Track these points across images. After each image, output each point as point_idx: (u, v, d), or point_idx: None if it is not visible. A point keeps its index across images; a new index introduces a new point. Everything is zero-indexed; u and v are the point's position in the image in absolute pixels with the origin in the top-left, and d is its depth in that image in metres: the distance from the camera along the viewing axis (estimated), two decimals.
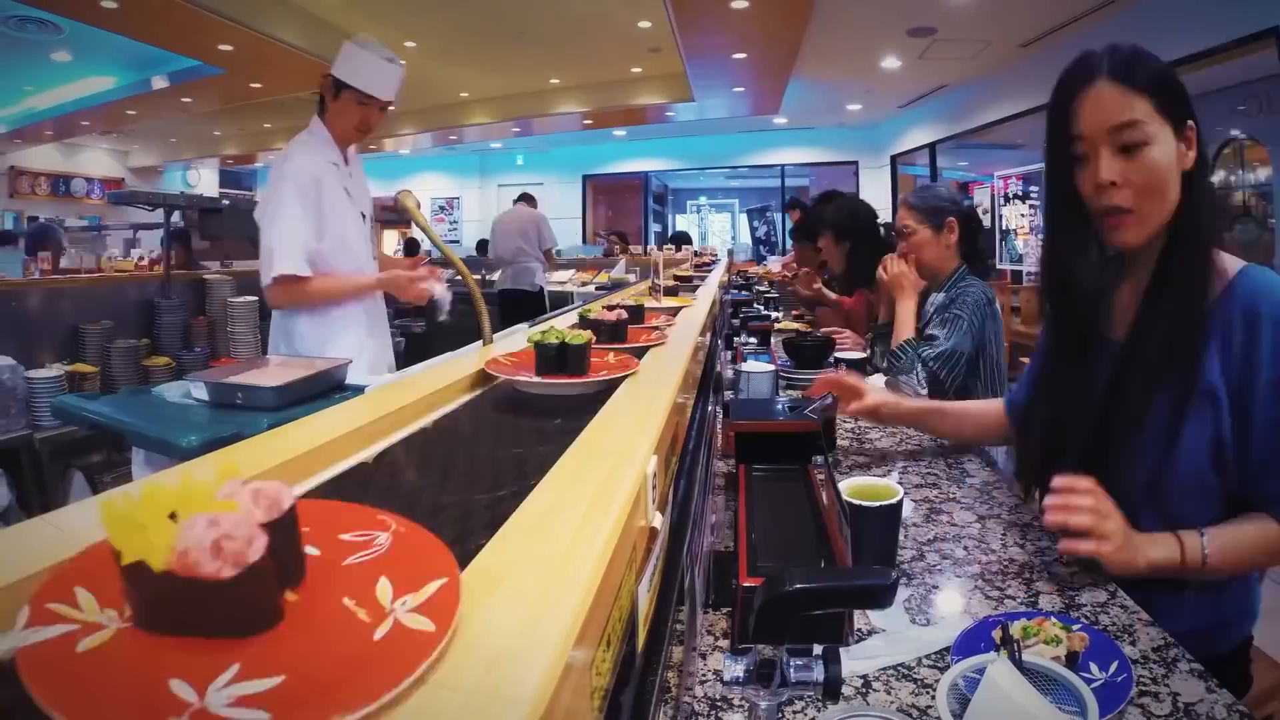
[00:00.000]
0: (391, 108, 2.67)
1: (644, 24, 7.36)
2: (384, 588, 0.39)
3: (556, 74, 9.68)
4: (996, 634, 0.97)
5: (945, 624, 1.11)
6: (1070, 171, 1.28)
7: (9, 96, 10.41)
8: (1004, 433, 1.74)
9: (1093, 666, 0.98)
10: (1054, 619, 1.06)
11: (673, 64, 8.21)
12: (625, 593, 0.49)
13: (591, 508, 0.51)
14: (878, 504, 1.23)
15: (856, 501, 1.23)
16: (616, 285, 6.73)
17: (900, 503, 1.26)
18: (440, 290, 2.53)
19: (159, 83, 9.02)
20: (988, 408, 1.81)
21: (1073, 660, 0.98)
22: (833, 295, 3.93)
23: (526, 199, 7.88)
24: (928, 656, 1.03)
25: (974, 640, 1.03)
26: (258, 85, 8.89)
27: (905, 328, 2.48)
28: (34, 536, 0.47)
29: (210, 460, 0.64)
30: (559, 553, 0.45)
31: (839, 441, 2.02)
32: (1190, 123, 1.22)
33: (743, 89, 9.40)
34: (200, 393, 1.77)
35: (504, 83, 9.92)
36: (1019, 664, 0.87)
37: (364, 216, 2.67)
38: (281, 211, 2.42)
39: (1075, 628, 1.06)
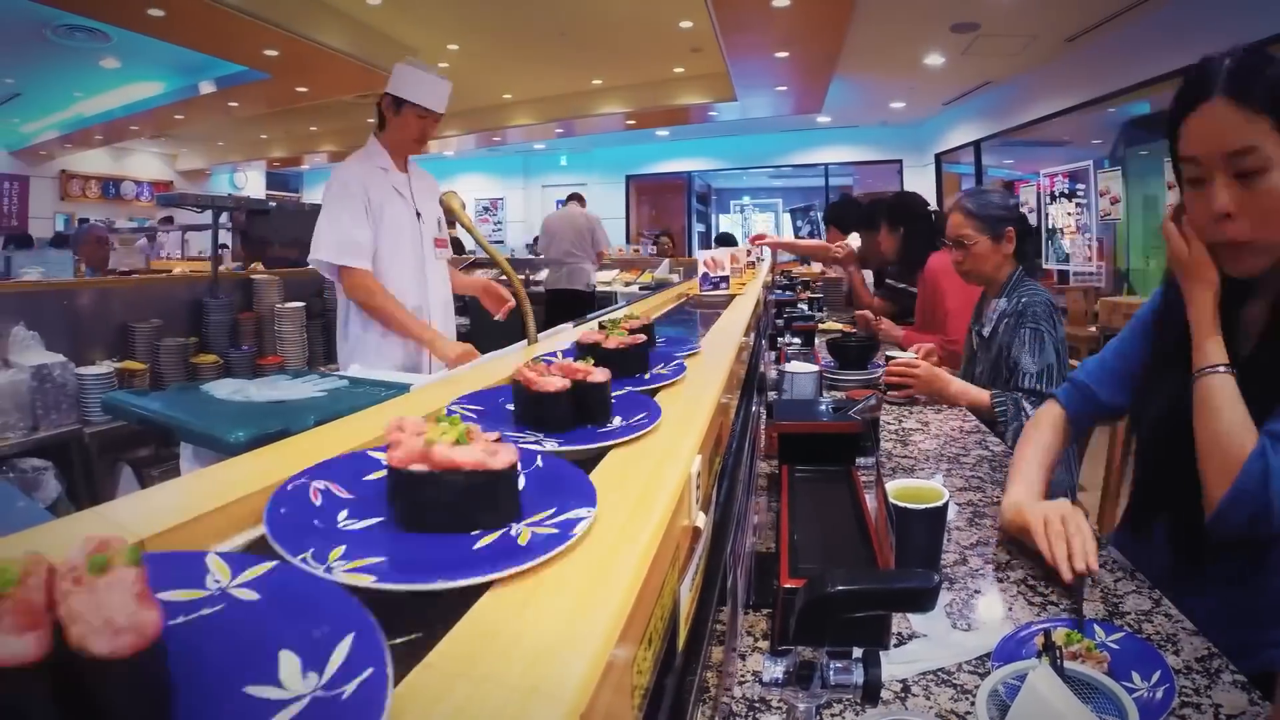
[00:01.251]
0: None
1: (685, 24, 7.36)
2: None
3: (599, 75, 9.72)
4: (1039, 640, 0.96)
5: (987, 629, 1.10)
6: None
7: (59, 102, 10.69)
8: (1064, 439, 1.63)
9: (1134, 676, 0.96)
10: (1098, 627, 1.05)
11: (715, 63, 8.20)
12: (668, 592, 0.49)
13: (636, 506, 0.51)
14: (923, 506, 1.21)
15: (901, 504, 1.21)
16: (660, 285, 6.73)
17: (945, 506, 1.24)
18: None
19: (206, 88, 9.22)
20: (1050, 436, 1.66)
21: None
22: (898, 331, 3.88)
23: (576, 199, 7.91)
24: (968, 662, 1.01)
25: (1015, 646, 1.02)
26: (303, 89, 9.04)
27: (981, 395, 2.37)
28: (86, 528, 0.48)
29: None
30: (603, 550, 0.45)
31: (883, 443, 2.00)
32: None
33: (785, 88, 9.35)
34: None
35: (547, 84, 9.99)
36: (1060, 671, 0.86)
37: (419, 215, 2.86)
38: (328, 203, 2.69)
39: (1117, 635, 1.04)
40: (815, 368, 2.09)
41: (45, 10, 6.72)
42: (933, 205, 4.09)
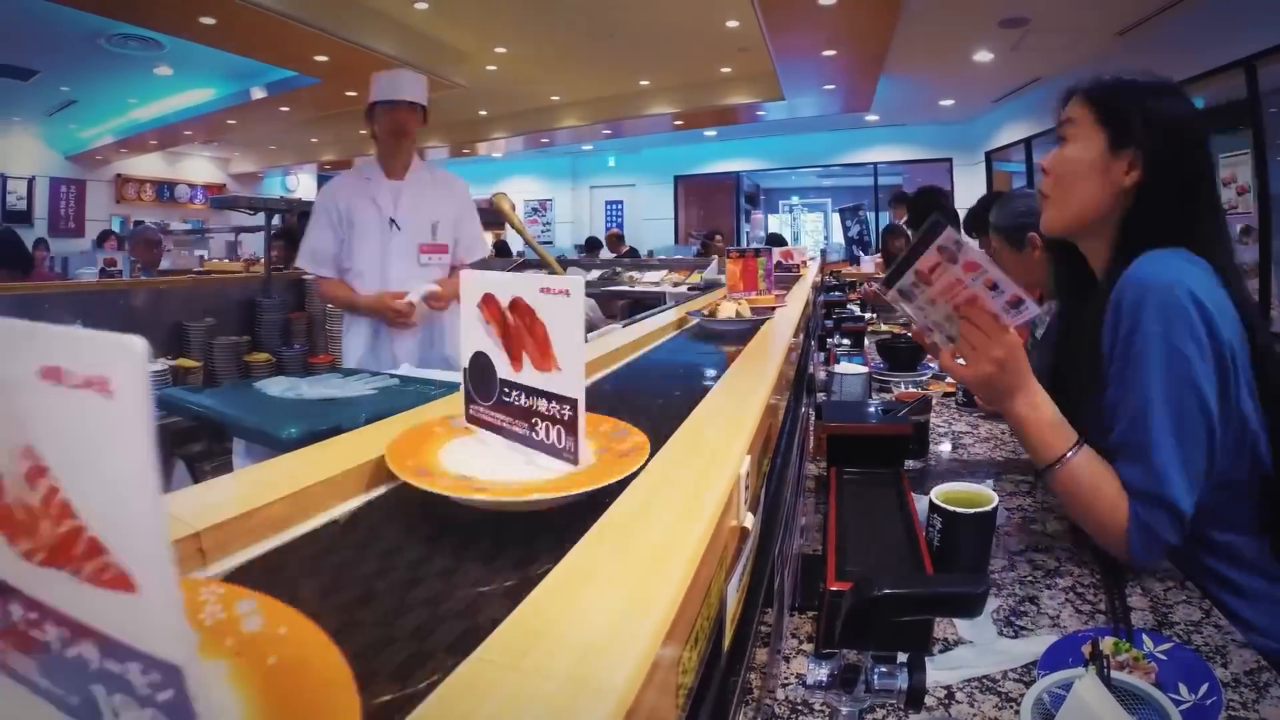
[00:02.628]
0: (417, 111, 3.06)
1: (732, 23, 7.35)
2: None
3: (646, 75, 9.73)
4: (1086, 649, 0.94)
5: (1033, 637, 1.08)
6: None
7: (115, 109, 10.99)
8: None
9: (1181, 688, 0.94)
10: (1146, 637, 1.03)
11: (762, 63, 8.16)
12: (715, 592, 0.49)
13: (685, 506, 0.51)
14: (972, 511, 1.19)
15: (950, 507, 1.20)
16: (710, 286, 6.71)
17: (995, 510, 1.22)
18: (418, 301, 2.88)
19: (257, 93, 9.41)
20: None
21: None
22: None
23: None
24: (1013, 670, 0.99)
25: (1062, 654, 1.00)
26: (353, 93, 9.16)
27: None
28: None
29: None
30: (652, 549, 0.45)
31: (933, 446, 1.97)
32: (1133, 149, 1.29)
33: (833, 86, 9.28)
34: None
35: (594, 85, 10.03)
36: (1107, 681, 0.84)
37: (393, 223, 2.95)
38: (311, 215, 3.00)
39: (1165, 646, 1.02)
40: (864, 369, 2.08)
41: (99, 20, 6.92)
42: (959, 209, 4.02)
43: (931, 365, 2.97)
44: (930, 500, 1.22)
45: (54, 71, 9.04)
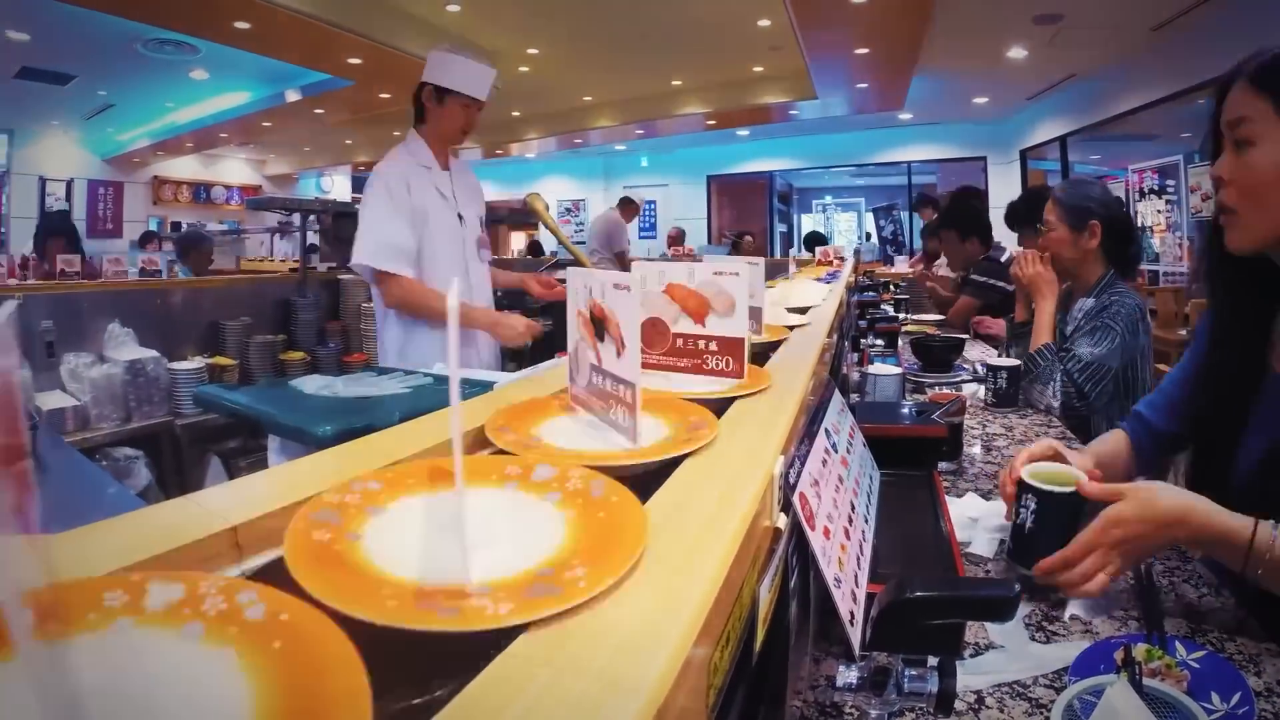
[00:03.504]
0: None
1: (764, 22, 7.33)
2: None
3: (678, 75, 9.73)
4: (1118, 655, 0.93)
5: (1065, 642, 1.06)
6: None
7: (152, 112, 11.20)
8: (1127, 465, 1.55)
9: (1214, 696, 0.92)
10: (1180, 644, 1.01)
11: (794, 62, 8.14)
12: (747, 592, 0.49)
13: (718, 506, 0.51)
14: (1068, 490, 1.14)
15: (1044, 486, 1.15)
16: None
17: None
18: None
19: (292, 96, 9.53)
20: (1107, 443, 1.61)
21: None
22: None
23: (623, 204, 8.21)
24: (1044, 675, 0.98)
25: (1094, 661, 0.99)
26: (386, 95, 9.25)
27: (1043, 332, 2.35)
28: (180, 514, 0.51)
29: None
30: (685, 549, 0.45)
31: (966, 448, 1.95)
32: None
33: (866, 85, 9.22)
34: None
35: (626, 85, 10.05)
36: (1139, 688, 0.83)
37: (461, 218, 2.78)
38: (368, 203, 2.62)
39: (1198, 654, 1.00)
40: (898, 369, 2.06)
41: (136, 26, 7.04)
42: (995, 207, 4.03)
43: (966, 366, 2.94)
44: (1021, 480, 1.18)
45: (91, 76, 9.23)
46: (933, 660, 0.79)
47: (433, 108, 2.72)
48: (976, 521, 1.41)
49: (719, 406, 0.82)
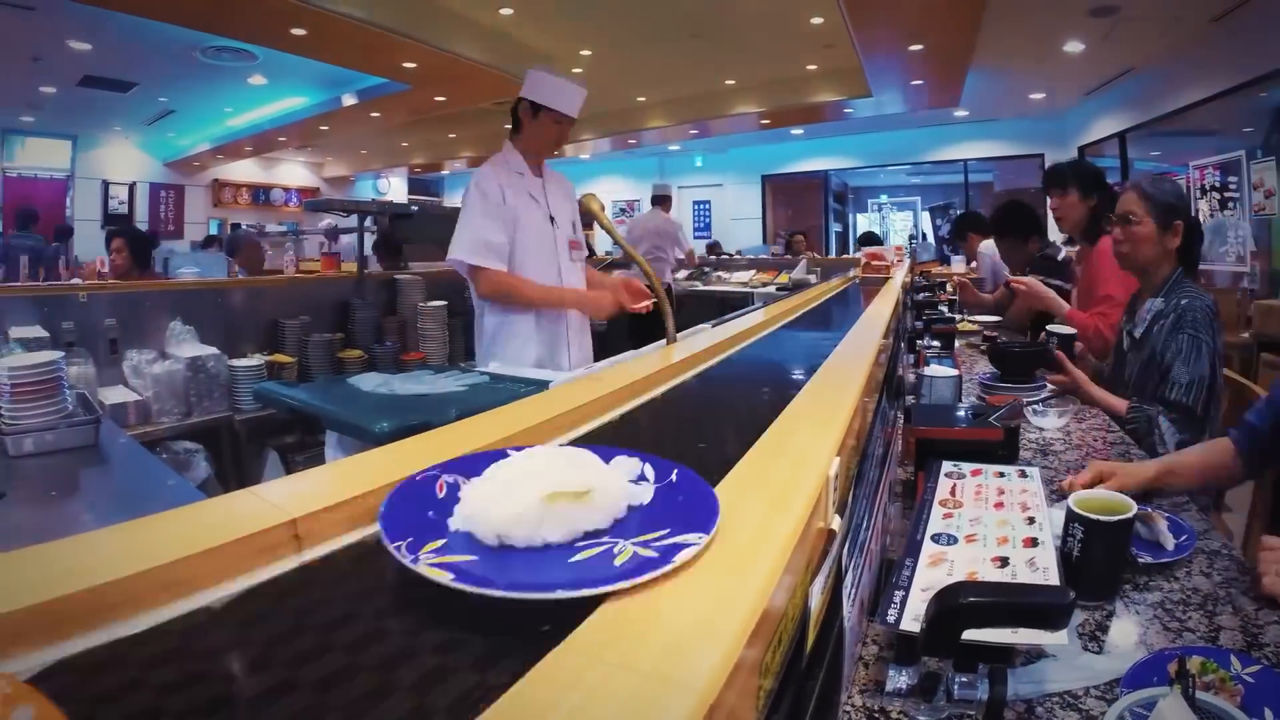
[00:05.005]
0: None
1: (816, 20, 7.27)
2: None
3: (731, 75, 9.69)
4: (1172, 668, 0.91)
5: (1118, 653, 1.04)
6: None
7: (211, 118, 11.49)
8: (1232, 470, 1.59)
9: (1267, 713, 0.90)
10: (1235, 658, 0.98)
11: (848, 59, 8.06)
12: (799, 593, 0.49)
13: (773, 506, 0.52)
14: (1115, 518, 1.15)
15: (1091, 515, 1.15)
16: (798, 286, 6.66)
17: (1134, 519, 1.18)
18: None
19: (348, 100, 9.70)
20: (1212, 450, 1.64)
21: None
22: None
23: (660, 201, 8.02)
24: (1096, 687, 0.96)
25: (1147, 672, 0.96)
26: (441, 98, 9.37)
27: (1111, 402, 2.29)
28: (244, 505, 0.52)
29: None
30: (739, 548, 0.45)
31: (1022, 452, 1.92)
32: None
33: (921, 81, 9.09)
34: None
35: (680, 86, 10.03)
36: (1192, 701, 0.81)
37: (553, 220, 2.96)
38: (467, 206, 2.82)
39: (1254, 668, 0.97)
40: (954, 371, 2.04)
41: (195, 34, 7.23)
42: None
43: (1043, 380, 2.78)
44: (1069, 509, 1.18)
45: (152, 83, 9.48)
46: (983, 667, 0.78)
47: (528, 121, 2.91)
48: None
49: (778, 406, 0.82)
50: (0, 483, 1.56)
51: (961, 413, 1.63)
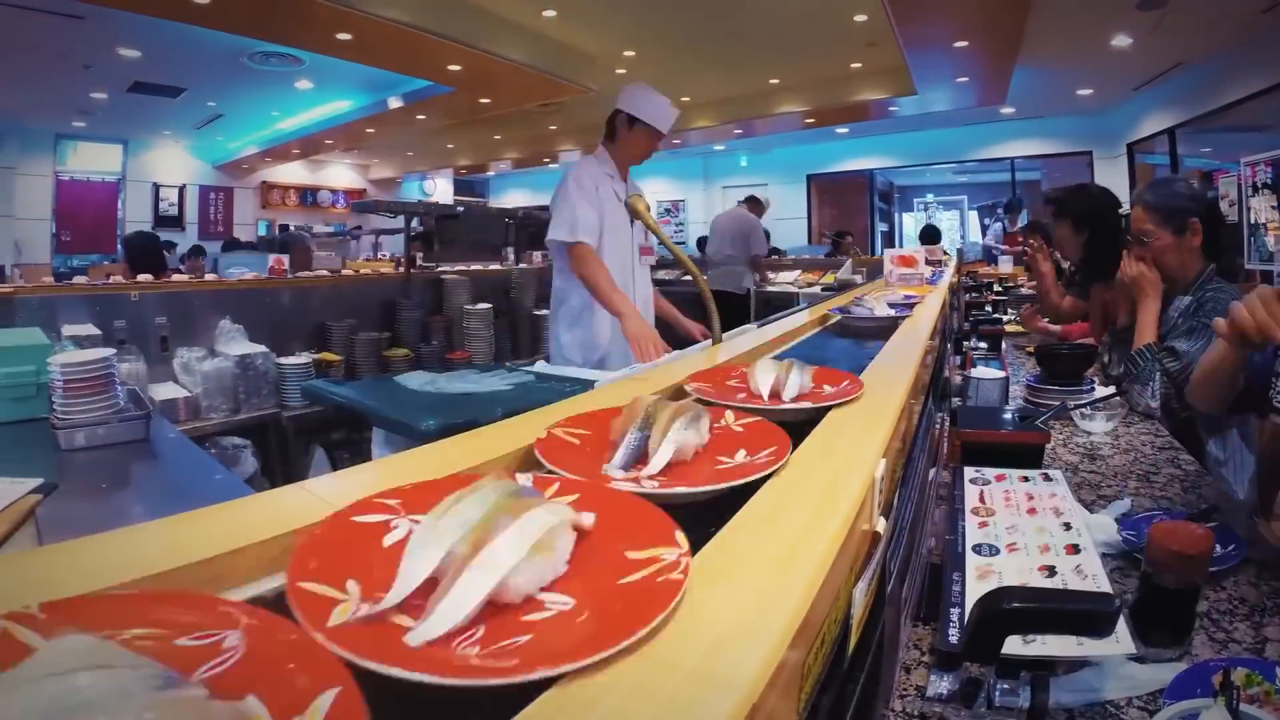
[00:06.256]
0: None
1: (860, 17, 7.18)
2: None
3: (775, 74, 9.60)
4: (1216, 679, 0.89)
5: (1162, 664, 1.02)
6: None
7: (259, 121, 11.68)
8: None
9: None
10: None
11: (892, 57, 7.95)
12: (843, 595, 0.49)
13: (818, 507, 0.52)
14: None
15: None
16: (844, 286, 6.61)
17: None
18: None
19: (394, 103, 9.79)
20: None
21: None
22: (1059, 294, 3.60)
23: (750, 201, 7.87)
24: (1139, 697, 0.94)
25: (1191, 683, 0.94)
26: (486, 100, 9.42)
27: (1146, 332, 2.23)
28: (293, 499, 0.54)
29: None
30: (784, 549, 0.46)
31: (1069, 457, 1.89)
32: None
33: (966, 79, 8.94)
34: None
35: (724, 85, 9.96)
36: (1235, 714, 0.80)
37: (631, 222, 3.13)
38: (564, 193, 3.00)
39: None
40: (1002, 373, 2.01)
41: (242, 40, 7.37)
42: (1124, 207, 3.65)
43: (1091, 380, 2.64)
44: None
45: (200, 88, 9.66)
46: (1025, 675, 0.77)
47: (623, 131, 3.14)
48: None
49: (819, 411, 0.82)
50: (52, 475, 1.60)
51: (1008, 415, 1.61)
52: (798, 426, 0.73)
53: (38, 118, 10.78)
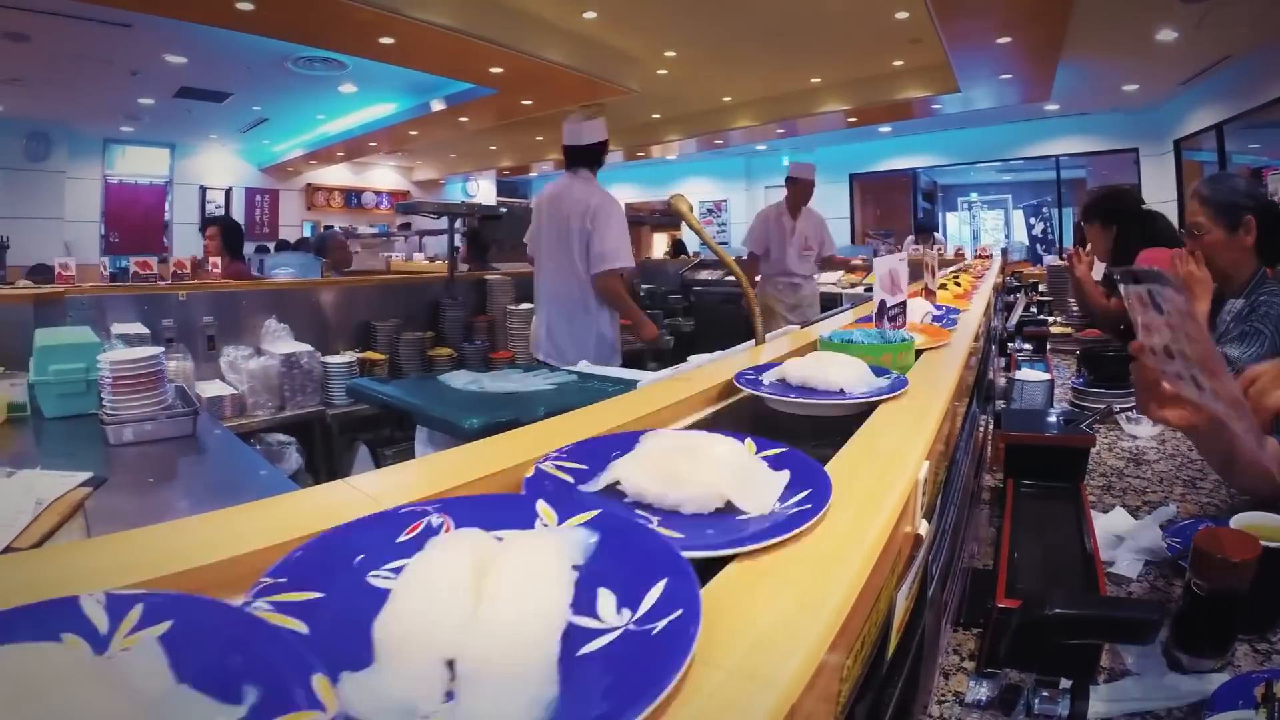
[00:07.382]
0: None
1: (901, 15, 7.11)
2: None
3: (817, 73, 9.53)
4: (1259, 691, 0.87)
5: (1205, 674, 0.99)
6: None
7: (304, 125, 11.88)
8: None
9: None
10: None
11: (935, 54, 7.85)
12: (885, 597, 0.49)
13: (862, 509, 0.52)
14: None
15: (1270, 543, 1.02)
16: None
17: None
18: None
19: (437, 105, 9.89)
20: None
21: None
22: (1096, 296, 3.58)
23: (788, 183, 7.36)
24: (1179, 708, 0.93)
25: (1233, 695, 0.92)
26: (528, 102, 9.48)
27: None
28: (337, 496, 0.55)
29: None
30: (826, 550, 0.46)
31: (1113, 461, 1.86)
32: None
33: (1010, 75, 8.80)
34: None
35: (765, 84, 9.92)
36: None
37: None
38: (617, 220, 3.35)
39: None
40: (1047, 376, 1.98)
41: (286, 46, 7.50)
42: (1149, 203, 3.65)
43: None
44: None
45: (246, 93, 9.86)
46: (1065, 682, 0.76)
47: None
48: (1122, 541, 1.33)
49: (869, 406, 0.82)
50: (101, 469, 1.65)
51: (1053, 418, 1.58)
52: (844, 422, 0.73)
53: (87, 123, 11.10)
